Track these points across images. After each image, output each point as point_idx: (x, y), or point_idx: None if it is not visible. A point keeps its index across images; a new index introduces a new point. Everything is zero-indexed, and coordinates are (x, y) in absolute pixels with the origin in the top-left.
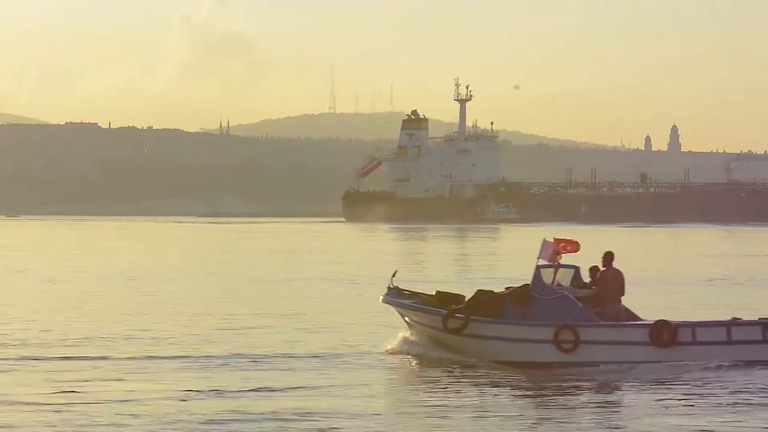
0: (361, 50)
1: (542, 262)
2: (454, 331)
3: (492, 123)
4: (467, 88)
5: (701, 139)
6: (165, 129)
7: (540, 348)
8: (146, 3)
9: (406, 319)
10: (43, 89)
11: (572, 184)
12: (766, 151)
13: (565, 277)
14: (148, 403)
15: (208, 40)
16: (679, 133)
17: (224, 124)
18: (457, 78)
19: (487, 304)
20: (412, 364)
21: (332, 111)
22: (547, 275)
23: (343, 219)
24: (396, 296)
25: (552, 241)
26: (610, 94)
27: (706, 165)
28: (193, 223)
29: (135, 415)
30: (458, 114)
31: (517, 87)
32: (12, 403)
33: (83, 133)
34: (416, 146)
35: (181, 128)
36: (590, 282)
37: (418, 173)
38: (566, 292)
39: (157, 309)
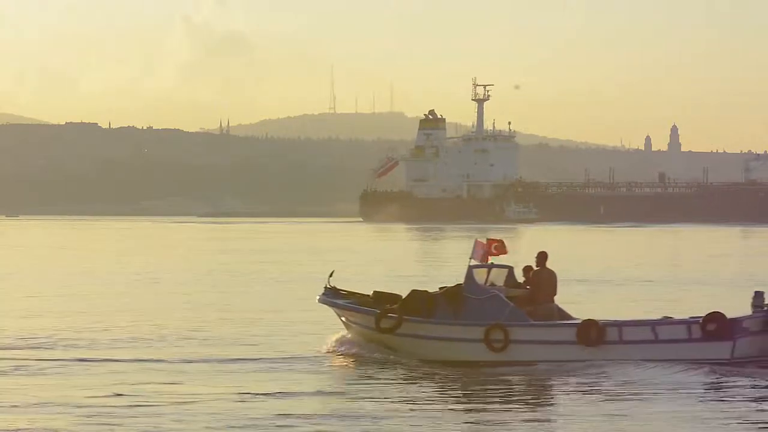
0: (361, 50)
1: (474, 262)
2: (387, 330)
3: (509, 123)
4: (485, 88)
5: (701, 139)
6: (165, 129)
7: (471, 347)
8: (146, 3)
9: (343, 319)
10: (43, 89)
11: (590, 183)
12: None
13: (499, 277)
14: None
15: (208, 40)
16: (679, 133)
17: (224, 124)
18: (475, 78)
19: (421, 304)
20: (347, 363)
21: (332, 111)
22: (481, 275)
23: (360, 219)
24: (333, 296)
25: (483, 241)
26: (610, 94)
27: (706, 165)
28: (213, 223)
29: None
30: (474, 114)
31: (517, 87)
32: (67, 405)
33: (83, 133)
34: (434, 146)
35: (181, 128)
36: (524, 282)
37: (436, 173)
38: (498, 292)
39: (215, 311)
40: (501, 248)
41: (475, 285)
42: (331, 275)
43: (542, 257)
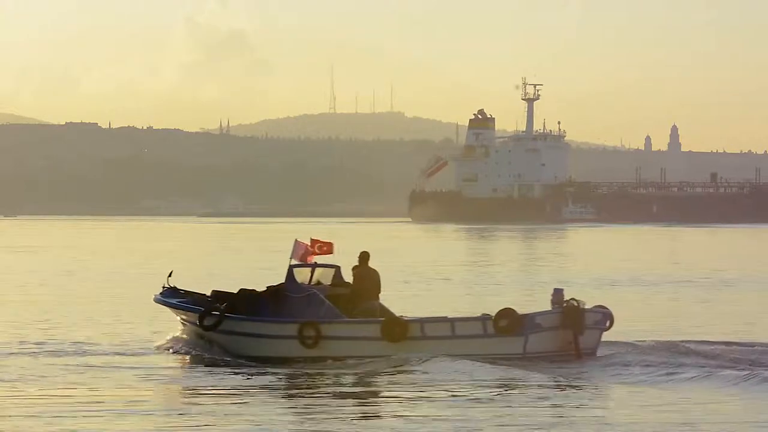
0: (361, 50)
1: (294, 261)
2: (209, 328)
3: (559, 123)
4: (535, 87)
5: (701, 139)
6: (165, 129)
7: (286, 344)
8: (148, 3)
9: (178, 318)
10: (43, 89)
11: (641, 183)
12: None
13: (326, 276)
14: None
15: (210, 40)
16: (679, 133)
17: (224, 124)
18: (524, 77)
19: (246, 302)
20: (178, 361)
21: (332, 111)
22: (304, 274)
23: (409, 219)
24: (169, 296)
25: (303, 241)
26: (610, 94)
27: (705, 165)
28: (248, 223)
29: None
30: (525, 114)
31: (517, 87)
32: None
33: (83, 133)
34: (483, 146)
35: (181, 128)
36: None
37: (486, 173)
38: (315, 291)
39: None
40: (325, 248)
41: (294, 284)
42: (170, 275)
43: (364, 257)
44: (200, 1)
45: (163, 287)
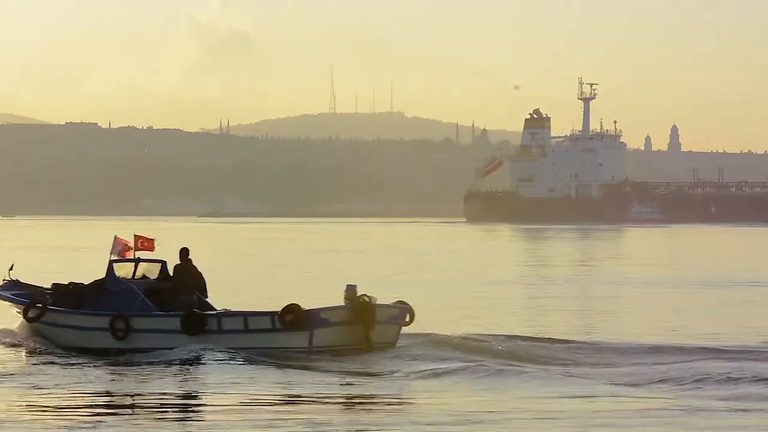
0: (361, 50)
1: (114, 257)
2: (33, 320)
3: (615, 122)
4: (591, 86)
5: (702, 139)
6: (165, 129)
7: (100, 336)
8: (148, 3)
9: (15, 310)
10: (44, 89)
11: (698, 183)
12: None
13: (151, 271)
14: None
15: (211, 40)
16: (679, 133)
17: (224, 124)
18: (581, 76)
19: (70, 296)
20: (14, 353)
21: (332, 111)
22: (126, 269)
23: (464, 219)
24: (8, 288)
25: (122, 238)
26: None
27: (705, 165)
28: (297, 224)
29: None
30: (581, 113)
31: (516, 87)
32: None
33: (83, 133)
34: (540, 145)
35: (181, 128)
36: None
37: (543, 173)
38: (132, 285)
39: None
40: (147, 245)
41: (113, 278)
42: (11, 268)
43: (183, 252)
44: (201, 1)
45: (4, 280)
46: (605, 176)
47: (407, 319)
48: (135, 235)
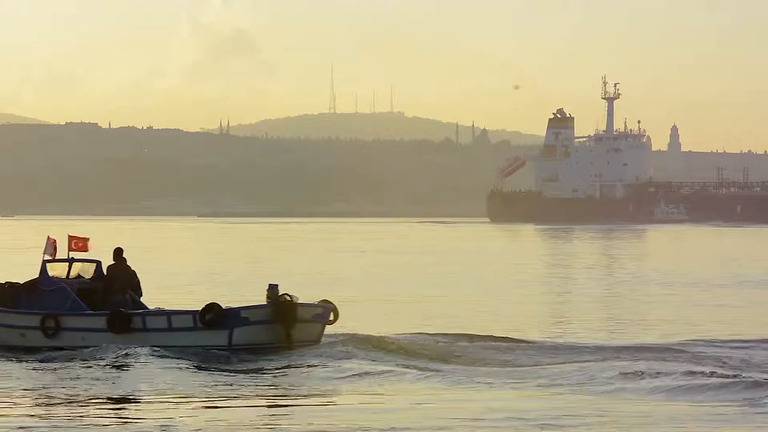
0: (361, 50)
1: (47, 257)
2: None
3: (639, 122)
4: (615, 86)
5: (702, 139)
6: (165, 129)
7: (31, 334)
8: (149, 3)
9: None
10: (44, 89)
11: (723, 183)
12: None
13: (86, 271)
14: None
15: (213, 40)
16: (679, 133)
17: (224, 124)
18: (604, 76)
19: (7, 295)
20: None
21: (332, 111)
22: (60, 269)
23: (487, 219)
24: None
25: (53, 238)
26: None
27: (705, 165)
28: (316, 223)
29: None
30: (606, 112)
31: (516, 87)
32: None
33: (83, 133)
34: (564, 145)
35: (181, 128)
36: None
37: (567, 173)
38: (64, 284)
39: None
40: (81, 245)
41: (46, 278)
42: None
43: (117, 252)
44: (202, 1)
45: None
46: (629, 176)
47: (331, 318)
48: (69, 235)
